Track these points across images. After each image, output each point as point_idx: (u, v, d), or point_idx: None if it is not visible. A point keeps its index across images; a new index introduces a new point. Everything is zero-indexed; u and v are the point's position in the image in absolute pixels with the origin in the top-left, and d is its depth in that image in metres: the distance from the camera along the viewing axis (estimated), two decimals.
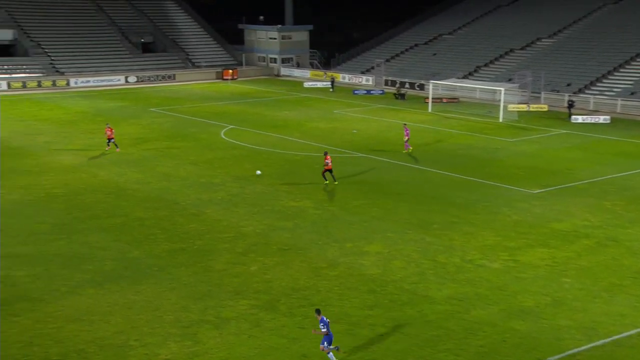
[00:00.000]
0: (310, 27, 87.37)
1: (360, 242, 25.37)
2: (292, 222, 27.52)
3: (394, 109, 58.62)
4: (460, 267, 23.10)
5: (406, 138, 40.29)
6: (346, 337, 18.22)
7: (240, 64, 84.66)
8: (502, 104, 53.29)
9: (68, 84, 70.81)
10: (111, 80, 73.76)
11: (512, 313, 19.82)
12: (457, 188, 32.99)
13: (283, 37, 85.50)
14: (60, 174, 34.34)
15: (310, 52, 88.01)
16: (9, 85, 67.22)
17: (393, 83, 70.89)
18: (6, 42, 73.34)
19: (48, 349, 17.45)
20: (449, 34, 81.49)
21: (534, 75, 60.45)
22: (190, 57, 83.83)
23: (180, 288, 21.15)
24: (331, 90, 70.38)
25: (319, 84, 73.87)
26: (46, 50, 75.38)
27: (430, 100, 58.29)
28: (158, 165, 36.85)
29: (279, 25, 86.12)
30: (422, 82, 67.98)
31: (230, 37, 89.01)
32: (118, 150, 39.94)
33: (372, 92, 68.60)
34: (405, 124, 42.55)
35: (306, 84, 73.97)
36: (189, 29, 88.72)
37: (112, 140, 40.00)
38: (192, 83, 76.31)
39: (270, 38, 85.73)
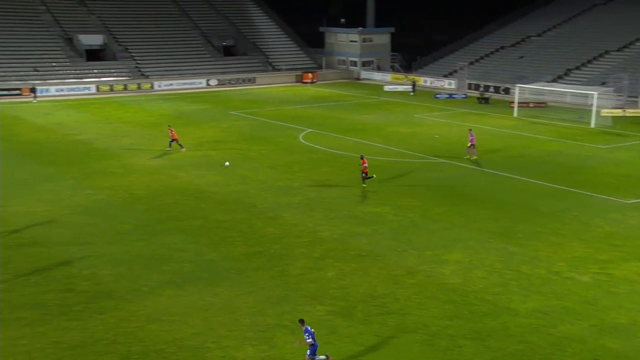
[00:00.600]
0: (392, 29, 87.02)
1: (440, 250, 24.99)
2: (370, 228, 27.43)
3: (477, 113, 57.47)
4: (546, 279, 22.34)
5: (470, 144, 39.23)
6: (424, 348, 17.97)
7: (320, 67, 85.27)
8: (594, 109, 51.25)
9: (152, 87, 73.46)
10: (193, 84, 75.94)
11: (604, 330, 18.98)
12: (543, 196, 31.96)
13: (364, 40, 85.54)
14: (143, 176, 35.64)
15: (392, 55, 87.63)
16: (97, 89, 70.47)
17: (476, 87, 69.54)
18: (96, 47, 77.00)
19: (130, 347, 18.11)
20: (538, 35, 79.17)
21: (631, 78, 57.79)
22: (270, 60, 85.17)
23: (257, 292, 21.48)
24: (412, 94, 69.79)
25: (400, 88, 73.41)
26: (133, 54, 78.52)
27: (515, 105, 56.78)
28: (237, 168, 37.55)
29: (360, 28, 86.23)
30: (508, 85, 66.35)
31: (311, 40, 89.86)
32: (184, 150, 41.41)
33: (454, 96, 67.55)
34: (470, 129, 41.41)
35: (386, 88, 73.68)
36: (270, 32, 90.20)
37: (175, 141, 41.50)
38: (272, 86, 77.42)
39: (351, 41, 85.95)
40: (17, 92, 65.62)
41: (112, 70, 74.96)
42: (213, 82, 77.14)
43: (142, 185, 33.85)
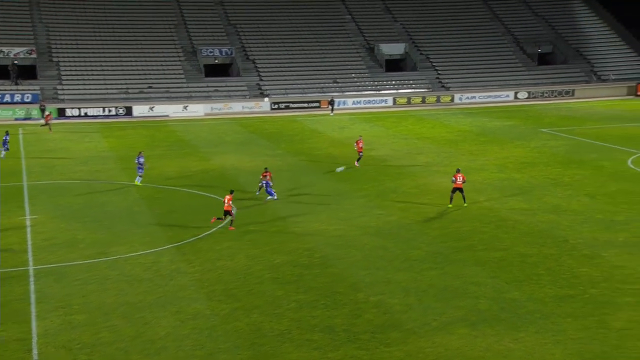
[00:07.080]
0: None
1: None
2: None
3: None
4: None
5: None
6: None
7: None
8: None
9: (452, 100, 74.99)
10: (498, 97, 75.75)
11: None
12: None
13: None
14: (438, 198, 36.38)
15: None
16: (394, 101, 74.17)
17: None
18: (397, 56, 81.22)
19: None
20: None
21: None
22: (595, 69, 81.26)
23: (567, 343, 20.48)
24: None
25: None
26: (434, 63, 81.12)
27: None
28: (546, 195, 36.44)
29: None
30: None
31: None
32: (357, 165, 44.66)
33: None
34: None
35: None
36: (599, 36, 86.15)
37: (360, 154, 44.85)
38: (595, 100, 73.84)
39: None
40: (316, 104, 72.08)
41: (411, 82, 78.30)
42: (522, 94, 76.10)
43: (436, 208, 34.62)
